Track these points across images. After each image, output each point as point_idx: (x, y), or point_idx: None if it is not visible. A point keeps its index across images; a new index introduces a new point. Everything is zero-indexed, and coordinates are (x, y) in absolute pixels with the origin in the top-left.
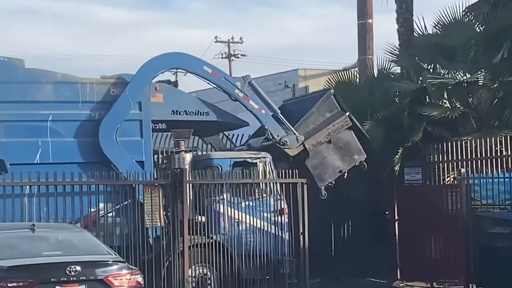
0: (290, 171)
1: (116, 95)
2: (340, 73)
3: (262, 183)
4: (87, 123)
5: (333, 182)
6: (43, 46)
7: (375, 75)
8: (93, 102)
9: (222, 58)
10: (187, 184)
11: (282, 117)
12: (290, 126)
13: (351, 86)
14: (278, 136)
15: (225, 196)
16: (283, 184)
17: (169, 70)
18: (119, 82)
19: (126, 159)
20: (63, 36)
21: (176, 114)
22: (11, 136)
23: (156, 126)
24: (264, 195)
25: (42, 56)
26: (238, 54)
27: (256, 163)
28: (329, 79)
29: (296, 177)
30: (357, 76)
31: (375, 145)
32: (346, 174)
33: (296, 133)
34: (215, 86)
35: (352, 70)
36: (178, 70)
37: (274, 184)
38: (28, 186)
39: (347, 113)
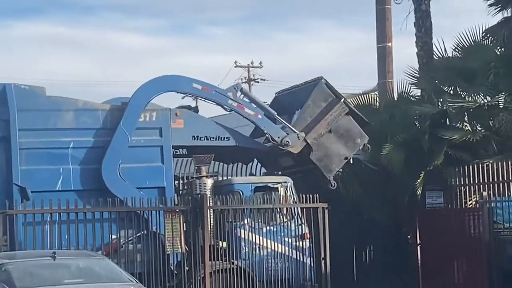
0: (311, 195)
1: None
2: (360, 96)
3: (283, 208)
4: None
5: (340, 170)
6: (65, 73)
7: (395, 99)
8: (114, 129)
9: (242, 82)
10: (208, 209)
11: (280, 118)
12: (289, 125)
13: (371, 109)
14: (278, 137)
15: (246, 221)
16: (304, 209)
17: (159, 95)
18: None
19: (134, 193)
20: (84, 63)
21: (197, 139)
22: (32, 164)
23: (177, 152)
24: (286, 220)
25: (63, 83)
26: (258, 78)
27: (277, 187)
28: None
29: (317, 202)
30: (377, 99)
31: (395, 168)
32: (352, 160)
33: (295, 131)
34: (208, 101)
35: (372, 93)
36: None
37: (295, 208)
38: (49, 214)
39: (342, 99)
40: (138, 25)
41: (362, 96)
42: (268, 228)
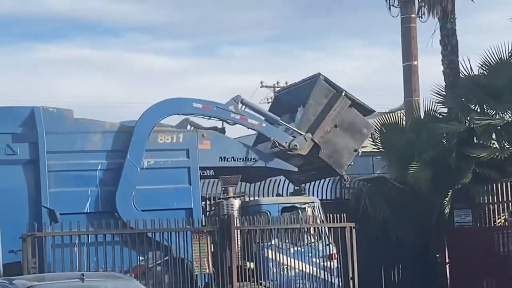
0: (338, 215)
1: (164, 143)
2: (386, 115)
3: (311, 228)
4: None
5: (352, 163)
6: (89, 95)
7: (422, 117)
8: None
9: (268, 102)
10: (235, 230)
11: (284, 123)
12: (294, 128)
13: (398, 128)
14: (286, 142)
15: (274, 242)
16: (332, 228)
17: (162, 119)
18: (166, 130)
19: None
20: (108, 85)
21: (224, 160)
22: (61, 186)
23: (204, 173)
24: (313, 240)
25: (88, 105)
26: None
27: (304, 208)
28: (375, 122)
29: (344, 221)
30: (404, 118)
31: (423, 187)
32: (360, 152)
33: (301, 132)
34: (211, 118)
35: (399, 112)
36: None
37: (323, 228)
38: (77, 236)
39: (343, 93)
40: (162, 46)
41: (389, 115)
42: (295, 248)
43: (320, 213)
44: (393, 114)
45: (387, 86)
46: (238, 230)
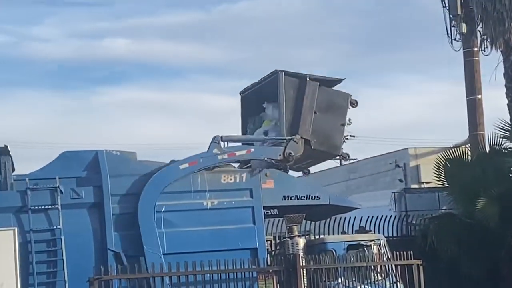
0: (404, 252)
1: (227, 183)
2: (451, 150)
3: (377, 265)
4: (199, 212)
5: (347, 137)
6: (155, 136)
7: (487, 151)
8: (204, 191)
9: None
10: (301, 269)
11: (270, 137)
12: (281, 137)
13: (463, 163)
14: (280, 155)
15: (340, 281)
16: (399, 266)
17: (162, 192)
18: (229, 170)
19: None
20: (173, 126)
21: (287, 199)
22: (124, 229)
23: (268, 212)
24: (380, 278)
25: (154, 148)
26: (347, 135)
27: (370, 245)
28: (440, 157)
29: (411, 259)
30: (469, 152)
31: (490, 222)
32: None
33: (288, 137)
34: (201, 170)
35: (463, 146)
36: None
37: (390, 266)
38: (144, 278)
39: (307, 77)
40: (223, 85)
41: (454, 150)
42: (362, 286)
43: (386, 250)
44: (458, 148)
45: (451, 121)
46: (304, 269)
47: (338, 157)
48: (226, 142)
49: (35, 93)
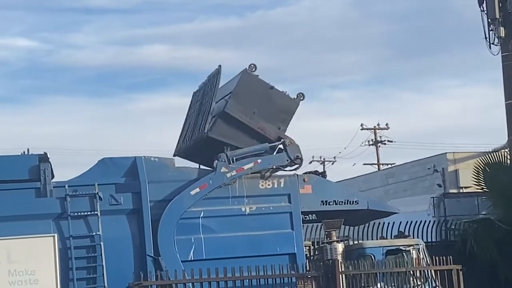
0: (444, 257)
1: (265, 189)
2: (490, 154)
3: (417, 271)
4: (238, 218)
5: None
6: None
7: None
8: (242, 197)
9: (369, 145)
10: (340, 275)
11: (270, 144)
12: (279, 141)
13: (502, 167)
14: (287, 161)
15: (379, 286)
16: (438, 271)
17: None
18: (267, 175)
19: None
20: None
21: (326, 204)
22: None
23: (306, 217)
24: (419, 283)
25: None
26: (385, 140)
27: (409, 250)
28: (479, 161)
29: (450, 264)
30: (508, 157)
31: None
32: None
33: (286, 141)
34: (214, 192)
35: (502, 151)
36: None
37: (429, 271)
38: (183, 284)
39: (224, 109)
40: None
41: (493, 154)
42: None
43: (425, 255)
44: (497, 153)
45: (489, 125)
46: (343, 275)
47: (299, 100)
48: (232, 159)
49: (72, 99)
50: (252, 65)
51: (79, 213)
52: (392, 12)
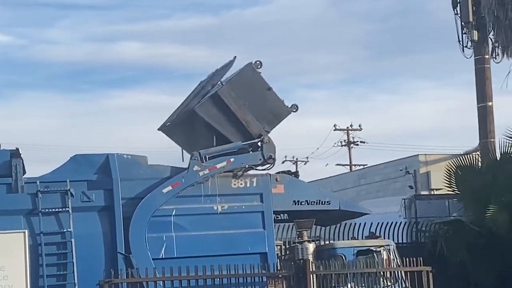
0: (414, 259)
1: (238, 188)
2: (461, 157)
3: (387, 271)
4: (210, 217)
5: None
6: (165, 140)
7: (498, 159)
8: (215, 195)
9: (342, 146)
10: (311, 274)
11: (246, 142)
12: (254, 141)
13: (473, 170)
14: (260, 160)
15: (350, 286)
16: (408, 272)
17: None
18: (239, 174)
19: None
20: None
21: (298, 204)
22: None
23: (278, 217)
24: (389, 284)
25: (163, 151)
26: (357, 141)
27: (380, 251)
28: (450, 164)
29: (421, 265)
30: (479, 159)
31: (501, 230)
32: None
33: (262, 139)
34: (186, 189)
35: (474, 153)
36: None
37: (399, 272)
38: (153, 282)
39: (217, 92)
40: None
41: (464, 157)
42: None
43: (395, 256)
44: (469, 155)
45: (461, 128)
46: (314, 275)
47: (291, 110)
48: (205, 157)
49: (45, 95)
50: (258, 62)
51: (50, 210)
52: (370, 12)
